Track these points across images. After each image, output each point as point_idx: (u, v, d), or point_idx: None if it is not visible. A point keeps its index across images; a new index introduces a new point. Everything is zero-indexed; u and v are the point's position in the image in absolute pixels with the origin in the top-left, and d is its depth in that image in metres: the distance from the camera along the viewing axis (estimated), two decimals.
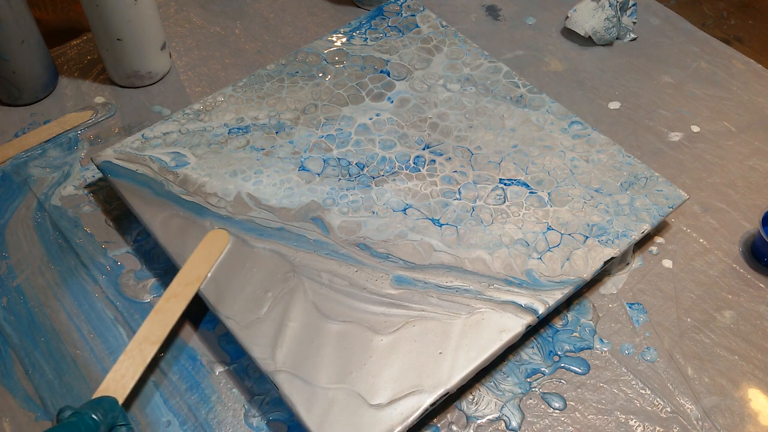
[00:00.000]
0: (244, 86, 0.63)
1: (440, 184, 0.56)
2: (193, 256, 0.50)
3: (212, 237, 0.51)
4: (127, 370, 0.46)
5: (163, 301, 0.49)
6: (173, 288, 0.49)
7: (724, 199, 0.61)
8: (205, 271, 0.50)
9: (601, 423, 0.48)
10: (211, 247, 0.51)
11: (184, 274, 0.50)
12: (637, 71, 0.72)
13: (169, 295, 0.49)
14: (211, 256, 0.50)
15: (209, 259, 0.50)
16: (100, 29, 0.63)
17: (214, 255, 0.50)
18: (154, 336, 0.47)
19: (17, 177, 0.61)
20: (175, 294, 0.49)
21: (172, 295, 0.49)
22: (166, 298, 0.49)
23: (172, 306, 0.48)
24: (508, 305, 0.49)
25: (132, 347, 0.47)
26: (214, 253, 0.50)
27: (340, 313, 0.49)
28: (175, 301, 0.49)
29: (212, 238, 0.51)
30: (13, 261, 0.55)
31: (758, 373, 0.51)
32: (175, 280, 0.49)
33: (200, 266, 0.50)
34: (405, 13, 0.70)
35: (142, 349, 0.47)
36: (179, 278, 0.49)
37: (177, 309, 0.49)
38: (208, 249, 0.51)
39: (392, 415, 0.44)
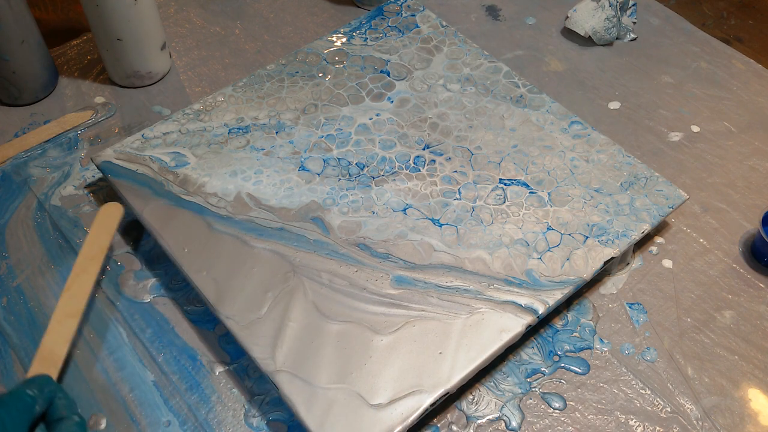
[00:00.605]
0: (244, 86, 0.63)
1: (440, 184, 0.56)
2: (92, 232, 0.52)
3: (106, 210, 0.53)
4: (54, 347, 0.46)
5: (73, 277, 0.50)
6: (80, 263, 0.50)
7: (724, 199, 0.61)
8: (106, 242, 0.52)
9: (601, 423, 0.48)
10: (107, 220, 0.53)
11: (88, 248, 0.51)
12: (637, 71, 0.72)
13: (78, 270, 0.50)
14: (110, 228, 0.53)
15: (108, 230, 0.52)
16: (100, 29, 0.63)
17: (111, 226, 0.53)
18: (73, 309, 0.48)
19: (17, 177, 0.61)
20: (83, 269, 0.50)
21: (82, 270, 0.50)
22: (75, 274, 0.50)
23: (84, 280, 0.50)
24: (508, 305, 0.49)
25: (53, 326, 0.47)
26: (111, 225, 0.53)
27: (340, 313, 0.49)
28: (84, 276, 0.50)
29: (106, 211, 0.53)
30: (13, 261, 0.55)
31: (758, 373, 0.51)
32: (79, 256, 0.51)
33: (101, 239, 0.52)
34: (405, 13, 0.70)
35: (64, 324, 0.48)
36: (83, 253, 0.51)
37: (88, 282, 0.50)
38: (104, 222, 0.53)
39: (392, 415, 0.44)
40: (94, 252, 0.51)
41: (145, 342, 0.51)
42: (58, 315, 0.48)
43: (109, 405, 0.48)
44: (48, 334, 0.47)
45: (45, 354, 0.46)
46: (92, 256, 0.51)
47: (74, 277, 0.50)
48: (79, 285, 0.50)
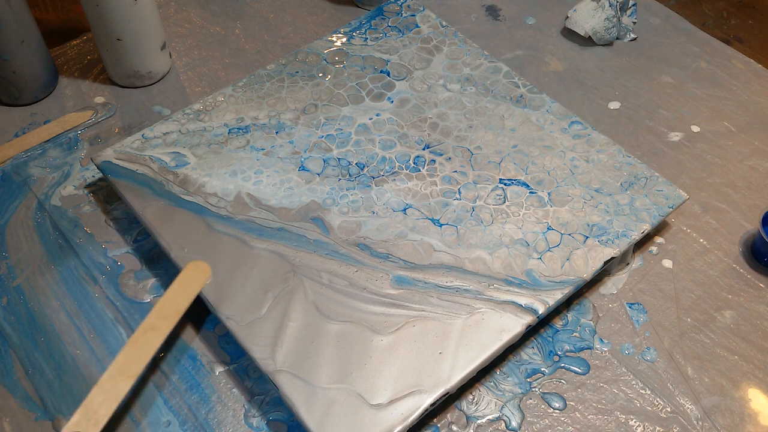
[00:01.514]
0: (244, 86, 0.63)
1: (440, 184, 0.56)
2: (173, 288, 0.48)
3: (193, 268, 0.49)
4: (100, 406, 0.43)
5: (140, 332, 0.46)
6: (151, 320, 0.47)
7: (724, 199, 0.61)
8: (185, 304, 0.48)
9: (601, 423, 0.48)
10: (192, 279, 0.48)
11: (163, 305, 0.47)
12: (637, 71, 0.72)
13: (147, 327, 0.46)
14: (192, 289, 0.48)
15: (189, 292, 0.48)
16: (100, 29, 0.63)
17: (194, 288, 0.48)
18: (130, 370, 0.45)
19: (17, 177, 0.61)
20: (153, 327, 0.46)
21: (150, 327, 0.46)
22: (143, 330, 0.46)
23: (150, 339, 0.46)
24: (508, 305, 0.49)
25: (106, 380, 0.44)
26: (194, 286, 0.48)
27: (340, 313, 0.49)
28: (152, 334, 0.46)
29: (193, 269, 0.49)
30: (13, 261, 0.55)
31: (758, 373, 0.51)
32: (153, 311, 0.47)
33: (180, 299, 0.48)
34: (405, 13, 0.70)
35: (117, 383, 0.44)
36: (157, 309, 0.47)
37: (154, 343, 0.46)
38: (188, 280, 0.48)
39: (392, 415, 0.44)
40: (169, 311, 0.47)
41: None
42: (113, 371, 0.44)
43: None
44: (98, 388, 0.44)
45: (90, 411, 0.42)
46: (166, 315, 0.46)
47: (141, 333, 0.46)
48: (145, 343, 0.45)
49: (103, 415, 0.43)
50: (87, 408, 0.43)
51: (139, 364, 0.45)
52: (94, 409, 0.43)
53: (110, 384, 0.44)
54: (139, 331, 0.46)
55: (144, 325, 0.46)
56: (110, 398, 0.43)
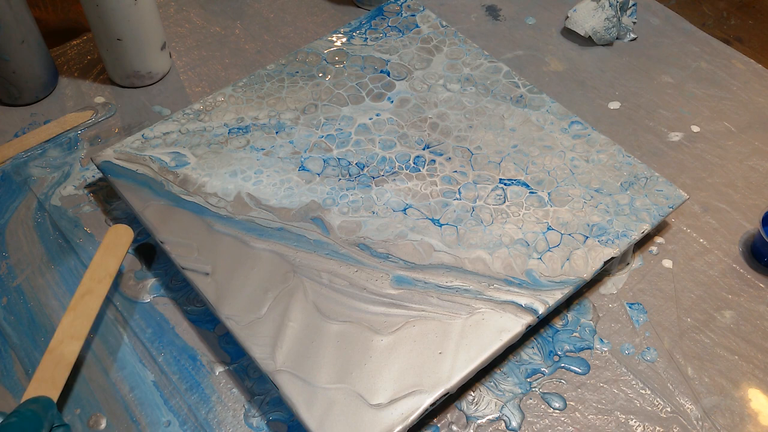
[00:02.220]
0: (244, 86, 0.63)
1: (440, 184, 0.56)
2: (99, 252, 0.50)
3: (114, 232, 0.52)
4: (55, 369, 0.44)
5: (78, 298, 0.48)
6: (85, 284, 0.48)
7: (724, 199, 0.61)
8: (115, 266, 0.50)
9: (601, 423, 0.48)
10: (117, 242, 0.51)
11: (94, 270, 0.49)
12: (637, 71, 0.72)
13: (83, 291, 0.48)
14: (119, 251, 0.51)
15: (117, 254, 0.50)
16: (100, 29, 0.63)
17: (121, 250, 0.51)
18: (77, 333, 0.46)
19: (17, 177, 0.61)
20: (89, 290, 0.48)
21: (87, 291, 0.48)
22: (80, 295, 0.48)
23: (89, 302, 0.48)
24: (508, 305, 0.49)
25: (54, 346, 0.46)
26: (120, 248, 0.51)
27: (340, 313, 0.49)
28: (90, 297, 0.48)
29: (115, 233, 0.51)
30: (13, 261, 0.55)
31: (758, 373, 0.51)
32: (85, 277, 0.49)
33: (109, 262, 0.50)
34: (405, 13, 0.70)
35: (66, 346, 0.46)
36: (90, 274, 0.49)
37: (94, 305, 0.48)
38: (113, 244, 0.51)
39: (392, 415, 0.44)
40: (101, 275, 0.49)
41: (145, 342, 0.51)
42: (60, 335, 0.46)
43: (109, 405, 0.48)
44: (49, 353, 0.45)
45: (45, 375, 0.44)
46: (99, 279, 0.49)
47: (78, 297, 0.48)
48: (84, 306, 0.47)
49: (60, 377, 0.44)
50: (42, 373, 0.44)
51: (84, 326, 0.47)
52: (49, 374, 0.44)
53: (59, 348, 0.45)
54: (77, 297, 0.48)
55: (80, 290, 0.48)
56: (63, 361, 0.45)
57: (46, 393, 0.43)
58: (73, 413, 0.48)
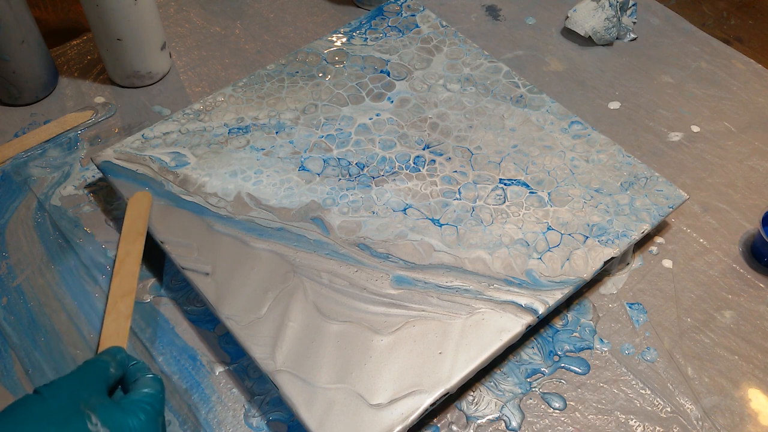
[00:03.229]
0: (244, 86, 0.63)
1: (440, 184, 0.56)
2: (127, 218, 0.53)
3: (136, 198, 0.54)
4: (116, 325, 0.48)
5: (119, 262, 0.51)
6: (122, 248, 0.52)
7: (724, 199, 0.61)
8: (143, 226, 0.53)
9: (601, 423, 0.48)
10: (139, 207, 0.54)
11: (127, 234, 0.53)
12: (637, 71, 0.72)
13: (123, 255, 0.52)
14: (143, 214, 0.54)
15: (142, 216, 0.53)
16: (100, 29, 0.63)
17: (145, 212, 0.54)
18: (125, 289, 0.50)
19: (17, 177, 0.61)
20: (127, 252, 0.52)
21: (125, 254, 0.52)
22: (120, 260, 0.52)
23: (129, 262, 0.52)
24: (508, 305, 0.49)
25: (110, 308, 0.49)
26: (144, 211, 0.54)
27: (340, 313, 0.49)
28: (129, 258, 0.52)
29: (135, 200, 0.54)
30: (13, 261, 0.55)
31: (758, 373, 0.51)
32: (120, 242, 0.53)
33: (137, 224, 0.53)
34: (405, 13, 0.70)
35: (120, 303, 0.49)
36: (124, 238, 0.53)
37: (135, 262, 0.52)
38: (136, 209, 0.54)
39: (392, 415, 0.44)
40: (133, 237, 0.53)
41: (145, 342, 0.51)
42: (113, 297, 0.50)
43: None
44: (108, 315, 0.49)
45: (110, 332, 0.48)
46: (132, 240, 0.52)
47: (119, 262, 0.51)
48: (126, 267, 0.51)
49: (123, 329, 0.48)
50: (107, 332, 0.48)
51: (131, 283, 0.51)
52: (113, 330, 0.48)
53: (116, 307, 0.49)
54: (117, 262, 0.52)
55: (119, 255, 0.52)
56: (121, 316, 0.49)
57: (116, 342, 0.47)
58: None
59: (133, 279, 0.51)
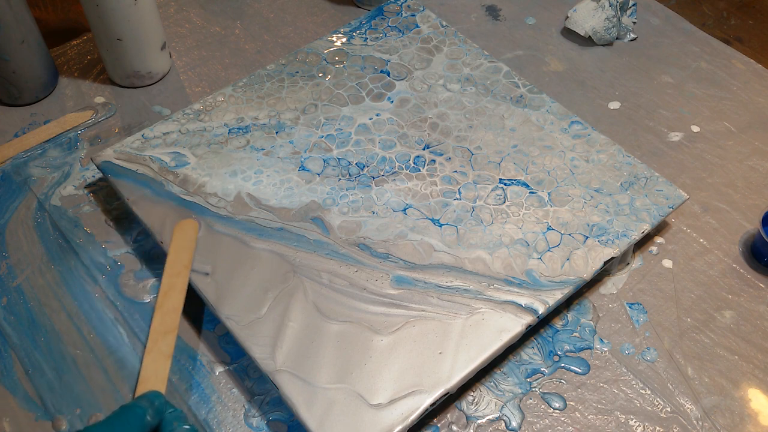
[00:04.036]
0: (244, 86, 0.63)
1: (440, 184, 0.56)
2: (172, 249, 0.51)
3: (182, 227, 0.52)
4: (156, 365, 0.46)
5: (162, 295, 0.49)
6: (166, 282, 0.50)
7: (724, 199, 0.61)
8: (188, 258, 0.51)
9: (601, 423, 0.48)
10: (184, 237, 0.52)
11: (171, 266, 0.50)
12: (637, 71, 0.72)
13: (166, 288, 0.50)
14: (189, 244, 0.52)
15: (187, 247, 0.51)
16: (100, 29, 0.63)
17: (190, 243, 0.52)
18: (168, 326, 0.48)
19: (17, 177, 0.61)
20: (171, 286, 0.50)
21: (169, 287, 0.50)
22: (164, 293, 0.49)
23: (173, 297, 0.49)
24: (508, 305, 0.49)
25: (151, 345, 0.47)
26: (190, 241, 0.52)
27: (340, 313, 0.49)
28: (173, 292, 0.49)
29: (182, 228, 0.52)
30: (13, 261, 0.55)
31: (758, 373, 0.51)
32: (164, 274, 0.50)
33: (182, 256, 0.51)
34: (405, 13, 0.70)
35: (161, 342, 0.47)
36: (168, 271, 0.50)
37: (179, 298, 0.49)
38: (182, 239, 0.52)
39: (392, 415, 0.44)
40: (177, 269, 0.50)
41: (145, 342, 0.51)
42: (154, 334, 0.47)
43: (109, 405, 0.48)
44: (148, 354, 0.47)
45: (149, 373, 0.46)
46: (177, 273, 0.50)
47: (163, 295, 0.49)
48: (169, 302, 0.49)
49: (163, 371, 0.46)
50: (146, 373, 0.46)
51: (173, 320, 0.48)
52: (152, 371, 0.46)
53: (157, 345, 0.47)
54: (161, 296, 0.49)
55: (162, 288, 0.49)
56: (162, 357, 0.47)
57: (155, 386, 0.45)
58: (74, 413, 0.48)
59: (176, 316, 0.48)
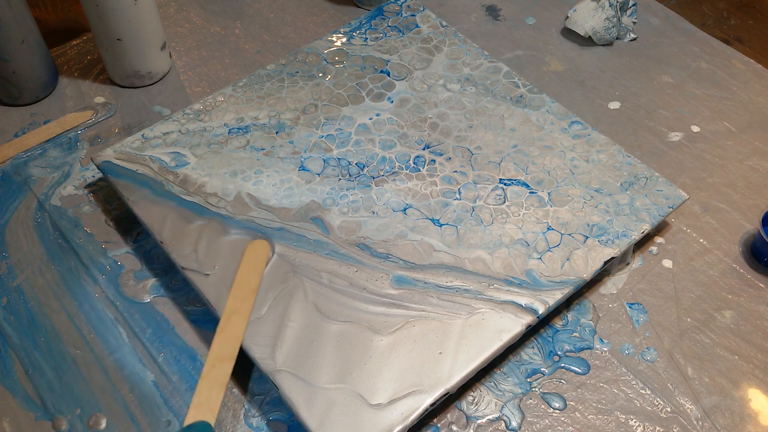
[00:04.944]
0: (244, 86, 0.63)
1: (440, 184, 0.56)
2: (241, 270, 0.50)
3: (253, 248, 0.51)
4: (210, 393, 0.45)
5: (225, 319, 0.48)
6: (231, 305, 0.48)
7: (724, 199, 0.61)
8: (256, 283, 0.49)
9: (601, 423, 0.48)
10: (255, 259, 0.50)
11: (237, 289, 0.49)
12: (637, 71, 0.72)
13: (229, 312, 0.48)
14: (258, 267, 0.50)
15: (257, 270, 0.50)
16: (100, 29, 0.63)
17: (260, 266, 0.50)
18: (227, 354, 0.46)
19: (17, 177, 0.61)
20: (234, 310, 0.48)
21: (232, 311, 0.48)
22: (227, 317, 0.48)
23: (236, 322, 0.48)
24: (508, 305, 0.49)
25: (207, 370, 0.46)
26: (259, 264, 0.50)
27: (340, 313, 0.49)
28: (236, 317, 0.48)
29: (253, 249, 0.51)
30: (13, 261, 0.55)
31: (758, 373, 0.51)
32: (230, 297, 0.49)
33: (251, 279, 0.49)
34: (405, 13, 0.70)
35: (218, 368, 0.46)
36: (234, 294, 0.49)
37: (241, 324, 0.48)
38: (252, 261, 0.50)
39: (392, 415, 0.44)
40: (244, 293, 0.49)
41: (145, 342, 0.51)
42: (212, 359, 0.46)
43: (109, 405, 0.48)
44: (203, 379, 0.46)
45: (202, 400, 0.45)
46: (243, 297, 0.49)
47: (225, 319, 0.48)
48: (231, 327, 0.47)
49: (216, 401, 0.45)
50: (199, 399, 0.45)
51: (233, 347, 0.47)
52: (206, 398, 0.45)
53: (212, 372, 0.46)
54: (224, 319, 0.48)
55: (226, 311, 0.48)
56: (217, 384, 0.46)
57: (203, 418, 0.44)
58: (73, 413, 0.48)
59: (236, 343, 0.47)
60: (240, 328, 0.47)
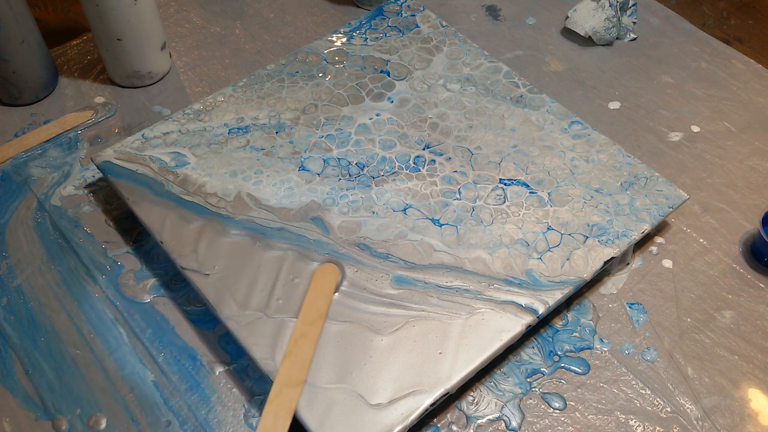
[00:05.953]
0: (244, 86, 0.63)
1: (440, 184, 0.56)
2: (310, 293, 0.49)
3: (323, 271, 0.50)
4: (276, 420, 0.44)
5: (292, 343, 0.47)
6: (299, 328, 0.48)
7: (724, 199, 0.61)
8: (325, 306, 0.49)
9: (601, 423, 0.48)
10: (324, 283, 0.50)
11: (306, 312, 0.48)
12: (637, 71, 0.72)
13: (297, 336, 0.47)
14: (327, 290, 0.49)
15: (326, 294, 0.49)
16: (100, 29, 0.63)
17: (329, 289, 0.50)
18: (294, 379, 0.46)
19: (17, 177, 0.61)
20: (302, 334, 0.47)
21: (300, 335, 0.47)
22: (294, 340, 0.47)
23: (302, 346, 0.47)
24: (508, 305, 0.49)
25: (274, 396, 0.45)
26: (329, 288, 0.50)
27: (340, 313, 0.49)
28: (304, 341, 0.47)
29: (323, 273, 0.50)
30: (13, 261, 0.55)
31: (758, 373, 0.51)
32: (298, 320, 0.48)
33: (319, 303, 0.49)
34: (405, 13, 0.70)
35: (285, 394, 0.45)
36: (302, 317, 0.48)
37: (308, 349, 0.47)
38: (321, 284, 0.50)
39: (392, 415, 0.44)
40: (312, 317, 0.48)
41: (145, 342, 0.51)
42: (279, 384, 0.45)
43: (109, 405, 0.48)
44: (269, 404, 0.45)
45: (267, 427, 0.44)
46: (311, 321, 0.48)
47: (293, 342, 0.47)
48: (299, 351, 0.47)
49: (282, 428, 0.44)
50: (264, 426, 0.44)
51: (301, 372, 0.46)
52: (271, 425, 0.44)
53: (279, 398, 0.45)
54: (291, 342, 0.47)
55: (293, 335, 0.47)
56: (283, 411, 0.44)
57: None
58: (73, 413, 0.48)
59: (304, 368, 0.46)
60: (308, 353, 0.47)
